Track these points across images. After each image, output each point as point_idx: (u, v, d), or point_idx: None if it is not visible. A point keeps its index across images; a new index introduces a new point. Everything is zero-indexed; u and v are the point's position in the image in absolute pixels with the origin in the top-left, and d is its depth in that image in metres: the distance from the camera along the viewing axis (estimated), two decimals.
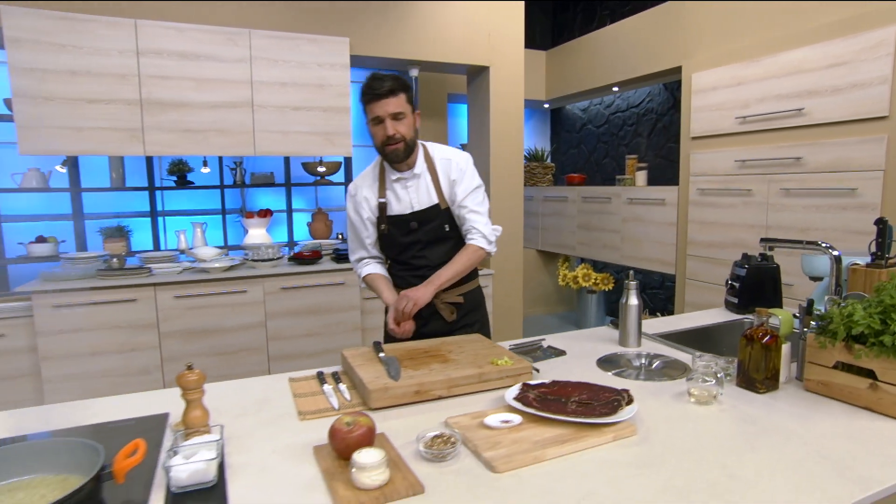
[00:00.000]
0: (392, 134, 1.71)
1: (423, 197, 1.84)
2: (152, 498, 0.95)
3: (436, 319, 1.88)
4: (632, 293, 1.74)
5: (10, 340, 2.97)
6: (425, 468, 1.02)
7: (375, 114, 1.70)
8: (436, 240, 1.86)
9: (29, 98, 2.88)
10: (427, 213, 1.84)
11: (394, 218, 1.85)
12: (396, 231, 1.85)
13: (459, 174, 1.84)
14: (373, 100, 1.69)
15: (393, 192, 1.86)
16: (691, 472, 0.99)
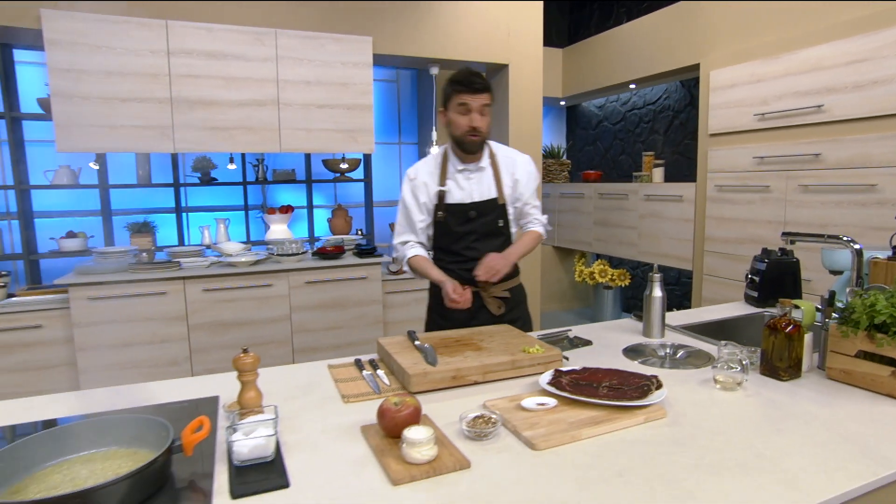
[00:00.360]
0: (477, 126, 1.81)
1: (484, 190, 1.92)
2: (216, 470, 1.02)
3: (483, 313, 1.95)
4: (656, 286, 1.80)
5: (47, 331, 3.08)
6: (468, 446, 1.08)
7: (466, 102, 1.79)
8: (489, 233, 1.94)
9: (66, 97, 2.98)
10: (486, 205, 1.92)
11: (452, 206, 1.91)
12: (453, 220, 1.91)
13: (525, 174, 1.97)
14: (468, 91, 1.78)
15: (455, 181, 1.92)
16: (721, 451, 1.05)
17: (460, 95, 1.80)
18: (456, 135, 1.85)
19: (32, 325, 3.05)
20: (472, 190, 1.92)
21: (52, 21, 2.89)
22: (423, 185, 1.93)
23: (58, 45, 2.92)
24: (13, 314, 3.03)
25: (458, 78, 1.80)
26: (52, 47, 2.91)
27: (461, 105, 1.80)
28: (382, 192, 4.89)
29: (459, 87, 1.79)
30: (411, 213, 1.95)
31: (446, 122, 1.88)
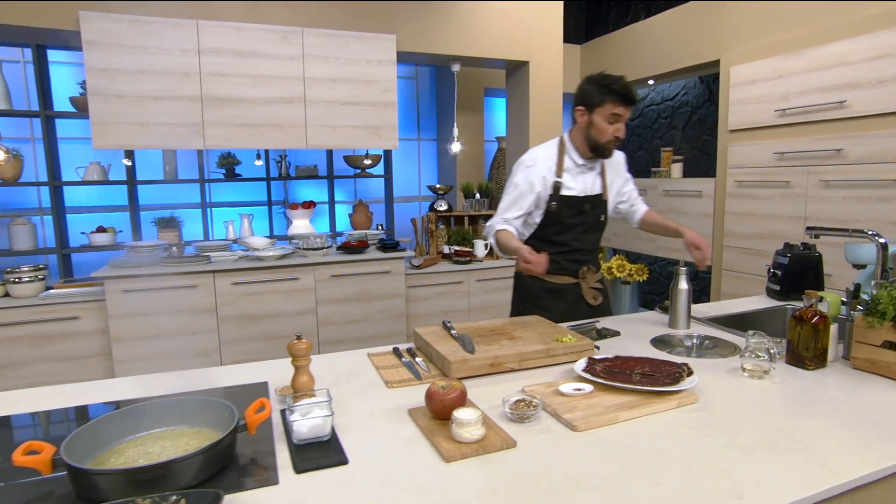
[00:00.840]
0: (622, 136, 1.90)
1: (595, 185, 2.03)
2: (277, 448, 1.10)
3: (581, 304, 2.07)
4: (682, 278, 1.85)
5: (83, 322, 3.19)
6: (511, 428, 1.15)
7: (620, 113, 1.85)
8: (594, 226, 2.05)
9: (102, 96, 3.08)
10: (596, 200, 2.02)
11: (567, 198, 1.97)
12: (566, 211, 1.98)
13: (625, 168, 2.15)
14: (626, 103, 1.84)
15: (570, 175, 1.98)
16: (752, 433, 1.11)
17: (616, 106, 1.83)
18: (599, 140, 1.89)
19: (70, 316, 3.16)
20: (586, 184, 2.00)
21: (89, 22, 2.98)
22: (540, 177, 1.96)
23: (95, 46, 3.02)
24: (51, 306, 3.14)
25: (617, 89, 1.82)
26: (90, 48, 3.01)
27: (614, 115, 1.84)
28: (402, 188, 4.96)
29: (617, 99, 1.82)
30: (522, 198, 1.98)
31: (586, 123, 1.90)
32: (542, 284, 2.07)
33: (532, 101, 4.01)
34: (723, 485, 0.92)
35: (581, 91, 1.91)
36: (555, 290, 2.06)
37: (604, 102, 1.84)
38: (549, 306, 2.03)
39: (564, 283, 2.07)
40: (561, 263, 2.02)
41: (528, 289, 2.11)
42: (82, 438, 1.01)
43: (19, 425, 1.28)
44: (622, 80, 1.84)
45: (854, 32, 2.85)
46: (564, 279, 2.07)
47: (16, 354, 3.08)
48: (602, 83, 1.85)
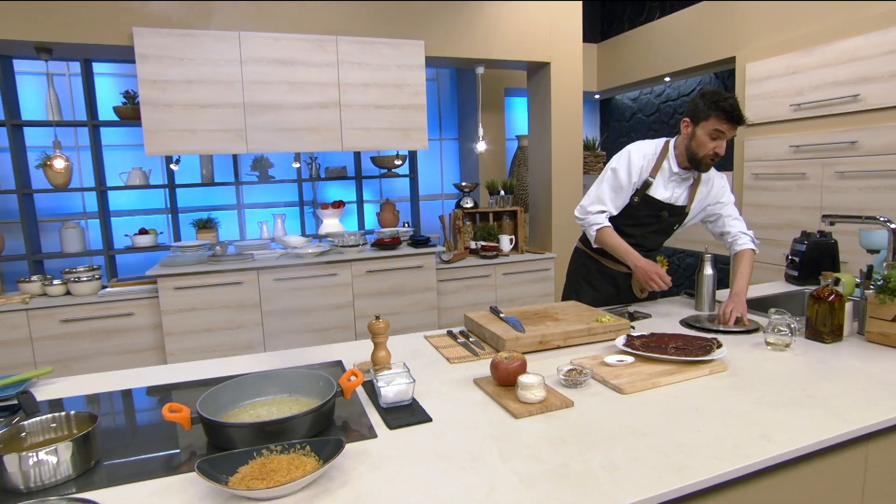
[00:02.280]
0: (721, 153, 1.92)
1: (682, 197, 2.08)
2: (368, 411, 1.28)
3: (629, 293, 2.23)
4: (706, 264, 2.02)
5: (138, 318, 3.41)
6: (566, 392, 1.32)
7: (724, 130, 1.87)
8: (664, 230, 2.14)
9: (153, 105, 3.29)
10: (676, 210, 2.08)
11: (650, 199, 2.05)
12: (645, 210, 2.07)
13: (720, 189, 2.09)
14: (732, 121, 1.86)
15: (663, 178, 2.04)
16: (777, 393, 1.27)
17: (722, 123, 1.85)
18: (698, 154, 1.92)
19: (125, 312, 3.39)
20: (673, 193, 2.06)
21: (143, 38, 3.19)
22: (639, 169, 2.03)
23: (147, 59, 3.23)
24: (108, 303, 3.36)
25: (724, 106, 1.83)
26: (143, 61, 3.22)
27: (717, 131, 1.86)
28: (426, 187, 5.14)
29: (723, 115, 1.83)
30: (621, 187, 2.05)
31: (689, 134, 1.94)
32: (597, 266, 2.24)
33: (553, 101, 4.17)
34: (754, 431, 1.09)
35: (691, 103, 1.95)
36: (609, 273, 2.22)
37: (709, 117, 1.86)
38: (599, 286, 2.21)
39: (619, 270, 2.20)
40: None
41: (585, 267, 2.28)
42: (206, 402, 1.20)
43: (139, 395, 1.48)
44: (732, 99, 1.85)
45: (867, 28, 2.98)
46: (620, 267, 2.17)
47: (79, 348, 3.31)
48: (712, 99, 1.85)
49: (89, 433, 1.08)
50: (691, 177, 2.06)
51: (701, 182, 2.08)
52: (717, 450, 1.03)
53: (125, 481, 1.02)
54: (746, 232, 2.10)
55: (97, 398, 1.45)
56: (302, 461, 0.99)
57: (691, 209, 2.10)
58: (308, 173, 4.47)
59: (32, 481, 1.00)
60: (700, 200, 2.10)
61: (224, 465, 0.98)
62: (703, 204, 2.11)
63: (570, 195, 4.35)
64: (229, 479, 0.95)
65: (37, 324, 3.25)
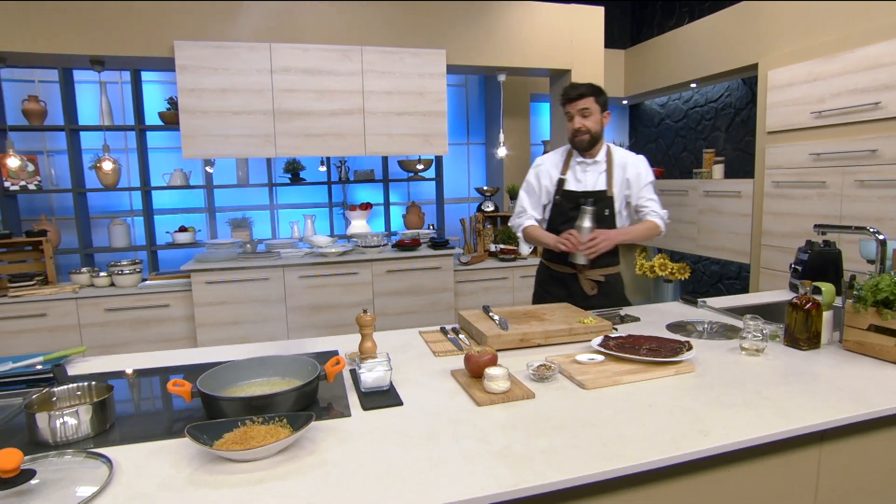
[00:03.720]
0: (578, 127, 2.20)
1: (599, 182, 2.28)
2: (348, 394, 1.41)
3: (580, 293, 2.30)
4: (586, 217, 2.14)
5: (173, 310, 3.67)
6: (533, 385, 1.42)
7: (567, 110, 2.22)
8: (596, 219, 2.23)
9: (190, 112, 3.55)
10: (596, 195, 2.25)
11: (568, 192, 2.29)
12: (567, 204, 2.28)
13: (635, 175, 2.28)
14: (566, 102, 2.21)
15: (573, 172, 2.31)
16: (733, 394, 1.34)
17: (564, 107, 2.22)
18: (569, 139, 2.27)
19: (162, 304, 3.65)
20: (587, 181, 2.28)
21: (183, 50, 3.45)
22: (546, 172, 2.34)
23: (186, 70, 3.49)
24: (147, 295, 3.63)
25: (561, 92, 2.22)
26: (182, 71, 3.48)
27: (566, 114, 2.23)
28: (452, 190, 5.27)
29: (562, 100, 2.22)
30: (532, 193, 2.37)
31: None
32: (549, 272, 2.40)
33: None
34: (695, 426, 1.17)
35: None
36: (558, 277, 2.36)
37: (563, 108, 2.25)
38: (553, 291, 2.35)
39: (564, 272, 2.33)
40: (563, 255, 2.24)
41: (541, 275, 2.47)
42: (208, 380, 1.36)
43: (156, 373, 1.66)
44: (568, 84, 2.25)
45: (890, 35, 2.93)
46: (564, 268, 2.32)
47: (120, 336, 3.59)
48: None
49: (105, 400, 1.26)
50: (599, 161, 2.28)
51: (615, 165, 2.28)
52: (654, 442, 1.11)
53: (132, 441, 1.19)
54: (660, 212, 2.30)
55: (121, 374, 1.64)
56: (278, 431, 1.13)
57: (615, 192, 2.27)
58: (337, 176, 4.67)
59: (59, 436, 1.19)
60: (620, 183, 2.28)
61: (212, 431, 1.13)
62: (623, 187, 2.28)
63: None
64: (214, 443, 1.10)
65: (84, 311, 3.55)
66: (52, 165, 4.36)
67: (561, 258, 2.28)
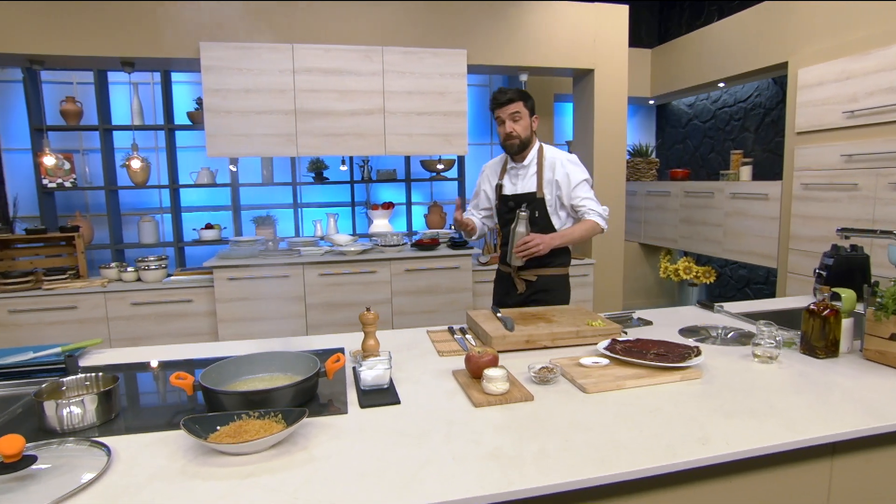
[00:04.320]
0: (510, 131, 2.24)
1: (527, 185, 2.33)
2: (348, 392, 1.42)
3: (512, 290, 2.38)
4: (521, 222, 2.18)
5: (196, 305, 3.75)
6: (534, 388, 1.40)
7: (498, 115, 2.26)
8: (532, 221, 2.27)
9: (214, 112, 3.62)
10: (524, 197, 2.30)
11: (504, 197, 2.38)
12: (502, 208, 2.39)
13: (564, 176, 2.28)
14: (496, 107, 2.25)
15: (509, 177, 2.39)
16: (740, 402, 1.30)
17: (494, 112, 2.26)
18: (501, 143, 2.32)
19: (185, 299, 3.73)
20: (518, 185, 2.35)
21: (208, 51, 3.53)
22: (487, 178, 2.47)
23: (211, 70, 3.56)
24: (171, 290, 3.72)
25: (491, 98, 2.27)
26: (207, 72, 3.55)
27: (497, 119, 2.27)
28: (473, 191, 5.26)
29: (492, 105, 2.26)
30: (477, 194, 2.52)
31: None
32: (498, 271, 2.52)
33: (597, 108, 4.17)
34: (694, 434, 1.14)
35: None
36: (500, 275, 2.48)
37: (492, 114, 2.29)
38: (497, 289, 2.49)
39: (505, 270, 2.43)
40: (505, 255, 2.34)
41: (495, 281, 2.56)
42: (211, 374, 1.38)
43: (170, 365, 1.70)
44: (497, 90, 2.26)
45: None
46: (505, 267, 2.42)
47: (146, 329, 3.68)
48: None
49: (111, 390, 1.30)
50: (527, 164, 2.32)
51: (545, 167, 2.30)
52: (649, 449, 1.08)
53: (133, 431, 1.22)
54: (598, 209, 2.29)
55: (132, 366, 1.69)
56: (272, 426, 1.14)
57: (545, 192, 2.29)
58: (360, 175, 4.70)
59: (65, 424, 1.23)
60: (549, 184, 2.29)
61: (208, 424, 1.15)
62: (554, 187, 2.29)
63: (612, 202, 4.32)
64: (209, 436, 1.12)
65: (112, 305, 3.65)
66: (87, 164, 4.51)
67: (505, 254, 2.36)
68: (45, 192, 4.20)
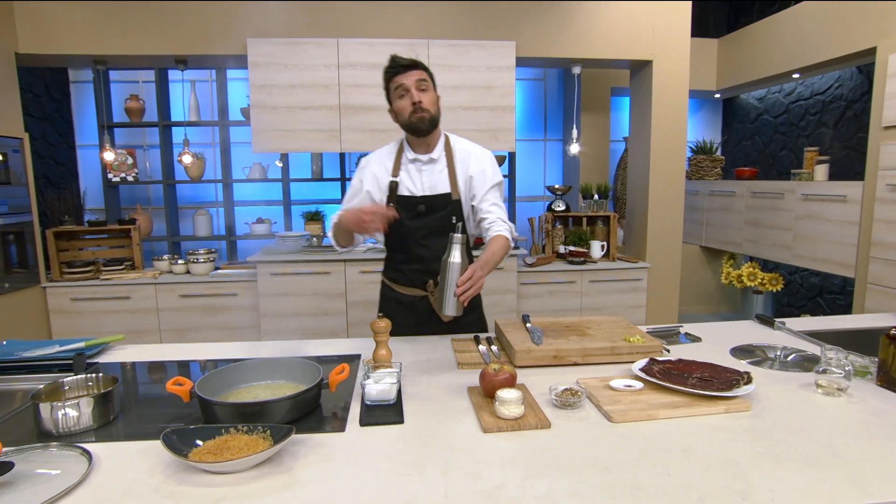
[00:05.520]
0: (419, 100, 1.74)
1: (437, 183, 1.85)
2: (352, 405, 1.33)
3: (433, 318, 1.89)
4: (455, 248, 1.55)
5: (240, 299, 3.80)
6: (554, 412, 1.26)
7: (401, 83, 1.75)
8: (442, 229, 1.76)
9: (260, 108, 3.64)
10: (437, 200, 1.83)
11: (403, 199, 1.84)
12: (404, 213, 1.83)
13: (479, 172, 1.85)
14: (398, 72, 1.75)
15: (407, 172, 1.86)
16: (794, 444, 1.10)
17: (394, 79, 1.77)
18: (404, 120, 1.79)
19: (231, 293, 3.79)
20: (424, 182, 1.85)
21: (255, 47, 3.55)
22: (372, 175, 1.87)
23: (257, 66, 3.58)
24: (218, 283, 3.79)
25: (388, 65, 1.79)
26: (254, 68, 3.58)
27: (398, 88, 1.76)
28: (526, 188, 5.09)
29: (390, 72, 1.78)
30: (356, 192, 1.90)
31: (395, 116, 1.83)
32: (393, 295, 1.96)
33: (655, 101, 3.90)
34: (733, 485, 0.96)
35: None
36: (405, 301, 1.92)
37: (388, 85, 1.81)
38: (398, 318, 1.77)
39: (413, 294, 1.92)
40: (407, 274, 1.89)
41: (383, 298, 2.01)
42: (212, 380, 1.32)
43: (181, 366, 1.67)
44: (391, 56, 1.81)
45: None
46: (413, 291, 1.92)
47: (192, 321, 3.77)
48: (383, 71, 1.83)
49: (108, 393, 1.26)
50: (436, 157, 1.85)
51: (456, 161, 1.86)
52: (675, 500, 0.92)
53: (126, 438, 1.18)
54: (506, 221, 1.84)
55: (142, 366, 1.67)
56: (258, 443, 1.06)
57: (461, 193, 1.85)
58: None
59: (61, 427, 1.19)
60: (464, 181, 1.86)
61: (192, 437, 1.09)
62: (468, 187, 1.86)
63: (669, 201, 4.05)
64: (191, 451, 1.05)
65: (162, 296, 3.76)
66: (147, 159, 4.68)
67: (406, 277, 1.89)
68: (109, 186, 4.39)
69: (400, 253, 1.92)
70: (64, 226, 3.85)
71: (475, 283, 1.53)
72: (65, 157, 4.55)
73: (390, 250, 1.98)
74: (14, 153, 3.50)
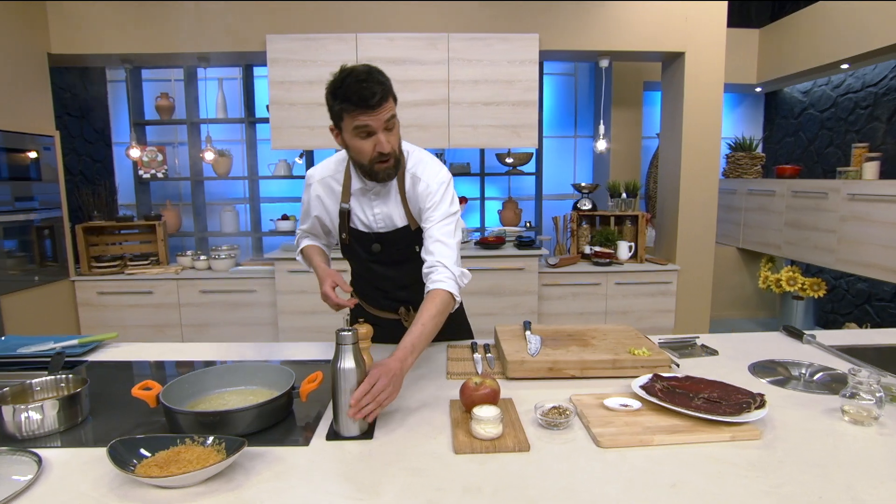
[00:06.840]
0: (386, 150, 1.40)
1: (392, 213, 1.57)
2: (326, 415, 1.25)
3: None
4: (346, 352, 1.14)
5: (259, 295, 3.80)
6: (538, 433, 1.15)
7: (366, 123, 1.37)
8: (404, 260, 1.61)
9: (279, 105, 3.62)
10: (393, 236, 1.58)
11: (357, 233, 1.60)
12: (359, 246, 1.63)
13: (428, 199, 1.52)
14: (363, 110, 1.35)
15: (358, 202, 1.58)
16: (806, 484, 0.96)
17: (356, 117, 1.36)
18: (364, 164, 1.45)
19: (249, 289, 3.79)
20: (377, 214, 1.57)
21: (274, 43, 3.53)
22: (318, 201, 1.62)
23: (276, 63, 3.56)
24: (238, 279, 3.80)
25: (347, 95, 1.35)
26: (273, 64, 3.56)
27: (358, 128, 1.38)
28: (554, 186, 4.93)
29: (351, 108, 1.36)
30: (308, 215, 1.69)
31: (342, 144, 1.47)
32: (367, 313, 1.76)
33: (687, 95, 3.69)
34: None
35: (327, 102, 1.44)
36: (377, 322, 1.70)
37: (342, 114, 1.39)
38: (378, 332, 1.62)
39: (385, 317, 1.74)
40: (375, 297, 1.73)
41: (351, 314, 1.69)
42: (181, 385, 1.27)
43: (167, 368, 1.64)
44: (352, 76, 1.35)
45: None
46: (384, 313, 1.74)
47: (212, 316, 3.79)
48: (333, 88, 1.37)
49: (76, 395, 1.23)
50: (391, 186, 1.54)
51: (406, 176, 1.54)
52: None
53: (87, 444, 1.14)
54: (452, 267, 1.46)
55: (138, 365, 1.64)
56: (209, 456, 1.00)
57: (419, 222, 1.56)
58: None
59: (24, 430, 1.16)
60: (417, 210, 1.56)
61: (142, 447, 1.03)
62: (419, 215, 1.57)
63: (702, 201, 3.83)
64: (141, 461, 0.99)
65: (184, 291, 3.80)
66: (177, 156, 4.76)
67: (375, 300, 1.72)
68: (140, 183, 4.47)
69: (362, 279, 1.74)
70: (93, 221, 3.94)
71: (374, 398, 1.12)
72: (101, 154, 4.66)
73: (353, 274, 1.80)
74: (46, 150, 3.59)
